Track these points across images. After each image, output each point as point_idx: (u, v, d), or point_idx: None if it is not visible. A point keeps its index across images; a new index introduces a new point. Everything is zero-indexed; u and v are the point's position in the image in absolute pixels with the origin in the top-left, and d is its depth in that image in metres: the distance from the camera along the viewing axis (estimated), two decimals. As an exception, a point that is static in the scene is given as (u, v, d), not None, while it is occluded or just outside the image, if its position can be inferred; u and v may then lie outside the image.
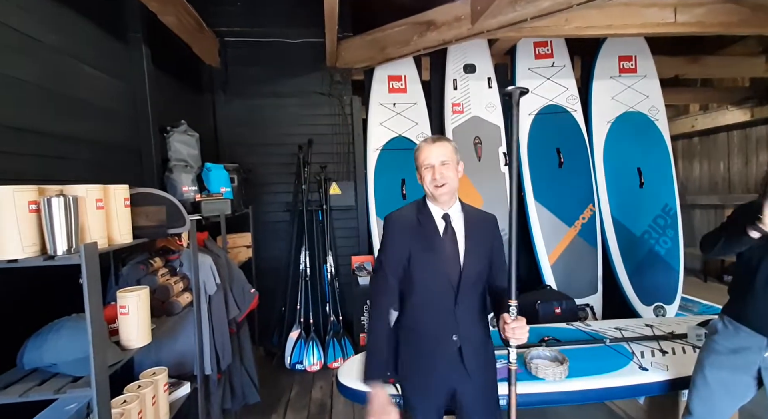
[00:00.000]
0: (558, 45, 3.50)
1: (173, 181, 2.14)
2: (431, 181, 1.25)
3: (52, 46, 1.52)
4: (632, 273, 3.32)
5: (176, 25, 2.32)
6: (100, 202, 1.07)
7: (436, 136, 1.33)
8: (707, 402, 1.50)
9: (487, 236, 1.31)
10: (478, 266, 1.27)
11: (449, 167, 1.25)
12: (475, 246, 1.27)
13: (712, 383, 1.49)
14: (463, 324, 1.26)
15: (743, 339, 1.43)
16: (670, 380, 1.77)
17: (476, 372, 1.28)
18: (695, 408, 1.53)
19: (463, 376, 1.27)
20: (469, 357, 1.26)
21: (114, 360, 1.11)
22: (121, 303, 1.18)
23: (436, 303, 1.25)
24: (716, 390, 1.48)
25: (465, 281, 1.25)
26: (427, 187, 1.27)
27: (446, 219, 1.29)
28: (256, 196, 3.27)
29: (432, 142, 1.28)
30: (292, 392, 2.68)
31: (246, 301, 1.97)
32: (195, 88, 3.09)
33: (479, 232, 1.30)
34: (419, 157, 1.29)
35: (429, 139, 1.30)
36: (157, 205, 1.33)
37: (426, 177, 1.26)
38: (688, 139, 5.78)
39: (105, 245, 1.09)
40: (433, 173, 1.24)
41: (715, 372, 1.49)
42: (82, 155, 1.67)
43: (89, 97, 1.74)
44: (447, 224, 1.28)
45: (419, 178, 1.31)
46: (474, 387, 1.29)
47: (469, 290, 1.26)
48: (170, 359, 1.67)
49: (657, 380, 1.77)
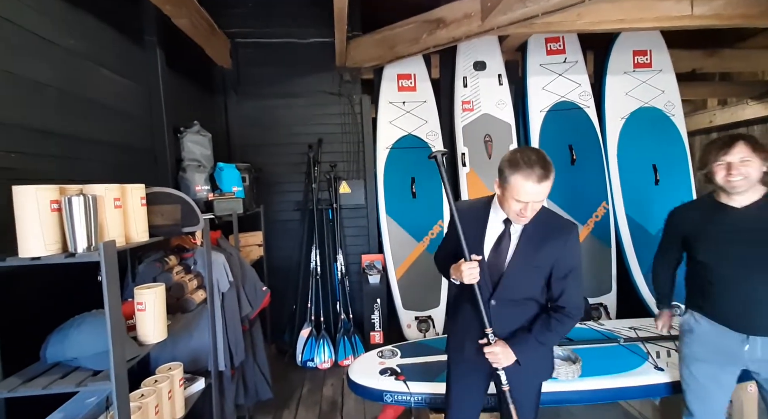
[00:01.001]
0: (570, 40, 3.44)
1: (187, 181, 2.18)
2: (518, 214, 1.18)
3: (71, 50, 1.56)
4: (648, 272, 3.24)
5: (189, 27, 2.36)
6: (118, 201, 1.10)
7: (544, 168, 1.12)
8: (702, 396, 1.49)
9: (553, 246, 1.23)
10: (525, 274, 1.25)
11: (539, 205, 1.19)
12: (526, 253, 1.24)
13: (699, 377, 1.48)
14: (498, 322, 1.27)
15: (720, 334, 1.41)
16: (687, 380, 1.73)
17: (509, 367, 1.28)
18: (693, 406, 1.52)
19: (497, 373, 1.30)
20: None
21: (132, 354, 1.14)
22: (138, 299, 1.22)
23: (475, 297, 1.26)
24: (707, 385, 1.47)
25: (504, 283, 1.25)
26: (508, 212, 1.22)
27: (507, 223, 1.27)
28: (267, 195, 3.31)
29: (538, 181, 1.11)
30: (303, 389, 2.71)
31: (258, 299, 2.00)
32: (207, 89, 3.15)
33: (540, 241, 1.23)
34: (516, 184, 1.13)
35: (535, 172, 1.11)
36: (172, 204, 1.36)
37: (513, 207, 1.17)
38: (706, 134, 5.62)
39: (123, 243, 1.12)
40: (524, 209, 1.17)
41: (701, 367, 1.47)
42: (100, 156, 1.72)
43: (107, 100, 1.78)
44: (506, 228, 1.27)
45: (500, 193, 1.21)
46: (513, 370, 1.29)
47: (511, 292, 1.26)
48: (185, 355, 1.71)
49: (673, 380, 1.74)
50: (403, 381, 1.79)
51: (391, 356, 2.05)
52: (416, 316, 3.19)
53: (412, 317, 3.21)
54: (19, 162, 1.29)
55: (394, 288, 3.25)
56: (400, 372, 1.87)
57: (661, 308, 1.77)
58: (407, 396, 1.77)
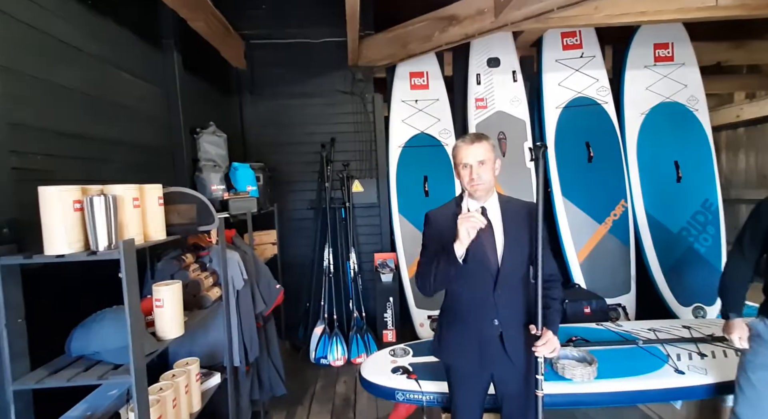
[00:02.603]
0: (587, 34, 3.36)
1: (203, 181, 2.23)
2: (469, 180, 1.30)
3: (93, 54, 1.62)
4: (669, 272, 3.15)
5: (205, 30, 2.41)
6: (137, 201, 1.14)
7: (474, 134, 1.34)
8: (756, 405, 1.42)
9: (528, 224, 1.34)
10: (518, 255, 1.32)
11: (486, 167, 1.29)
12: (513, 235, 1.32)
13: (758, 385, 1.41)
14: (503, 310, 1.32)
15: None
16: (711, 384, 1.68)
17: (517, 357, 1.34)
18: (742, 412, 1.45)
19: (504, 361, 1.33)
20: (511, 343, 1.32)
21: (150, 349, 1.18)
22: (156, 296, 1.25)
23: (477, 290, 1.32)
24: (764, 393, 1.40)
25: (504, 269, 1.31)
26: (465, 185, 1.32)
27: (483, 212, 1.33)
28: (281, 194, 3.36)
29: (470, 142, 1.30)
30: (317, 386, 2.75)
31: (272, 296, 2.03)
32: (223, 90, 3.21)
33: (519, 221, 1.34)
34: (457, 155, 1.33)
35: (467, 138, 1.32)
36: (188, 204, 1.39)
37: (464, 176, 1.31)
38: (733, 129, 5.39)
39: (141, 241, 1.16)
40: (471, 172, 1.29)
41: (760, 374, 1.41)
42: (120, 157, 1.78)
43: (128, 103, 1.84)
44: (484, 216, 1.30)
45: (456, 175, 1.37)
46: (515, 372, 1.35)
47: (508, 277, 1.32)
48: (202, 350, 1.75)
49: (695, 384, 1.69)
50: (415, 380, 1.79)
51: (403, 354, 2.05)
52: (429, 315, 3.19)
53: (424, 316, 3.21)
54: (45, 164, 1.34)
55: (407, 287, 3.25)
56: (412, 370, 1.87)
57: (733, 316, 1.53)
58: (419, 394, 1.77)
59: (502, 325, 1.32)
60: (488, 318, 1.32)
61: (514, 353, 1.32)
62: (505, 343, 1.32)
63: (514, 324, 1.34)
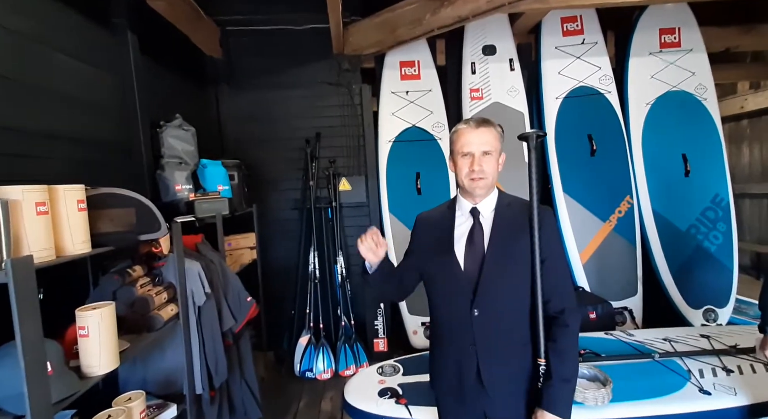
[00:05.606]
0: (589, 19, 3.14)
1: (165, 180, 1.98)
2: (468, 173, 1.07)
3: (18, 32, 1.36)
4: (677, 272, 2.96)
5: (168, 11, 2.15)
6: (42, 206, 0.89)
7: (480, 118, 1.11)
8: None
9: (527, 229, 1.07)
10: (506, 268, 1.07)
11: (491, 159, 1.08)
12: (503, 244, 1.07)
13: None
14: (481, 334, 1.05)
15: None
16: (744, 407, 1.47)
17: (504, 398, 1.07)
18: None
19: (486, 399, 1.07)
20: (490, 375, 1.05)
21: (68, 392, 0.94)
22: (80, 323, 1.01)
23: (452, 306, 1.10)
24: None
25: (484, 284, 1.05)
26: (462, 179, 1.10)
27: (474, 213, 1.10)
28: (262, 194, 3.11)
29: (475, 127, 1.08)
30: (300, 403, 2.51)
31: (243, 310, 1.80)
32: (195, 81, 2.94)
33: (516, 228, 1.08)
34: (457, 141, 1.10)
35: (472, 121, 1.10)
36: (124, 208, 1.15)
37: (463, 167, 1.08)
38: (736, 121, 5.22)
39: (51, 257, 0.91)
40: (472, 164, 1.06)
41: None
42: (60, 153, 1.52)
43: (68, 90, 1.58)
44: (474, 220, 1.10)
45: (452, 166, 1.14)
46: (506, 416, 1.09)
47: (492, 296, 1.05)
48: (158, 377, 1.52)
49: (724, 406, 1.48)
50: (405, 406, 1.58)
51: (393, 373, 1.83)
52: (423, 322, 2.97)
53: (418, 323, 2.99)
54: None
55: (399, 292, 3.03)
56: (402, 393, 1.65)
57: None
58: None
59: (478, 354, 1.06)
60: (465, 342, 1.07)
61: (497, 391, 1.06)
62: (481, 374, 1.05)
63: (497, 354, 1.06)
